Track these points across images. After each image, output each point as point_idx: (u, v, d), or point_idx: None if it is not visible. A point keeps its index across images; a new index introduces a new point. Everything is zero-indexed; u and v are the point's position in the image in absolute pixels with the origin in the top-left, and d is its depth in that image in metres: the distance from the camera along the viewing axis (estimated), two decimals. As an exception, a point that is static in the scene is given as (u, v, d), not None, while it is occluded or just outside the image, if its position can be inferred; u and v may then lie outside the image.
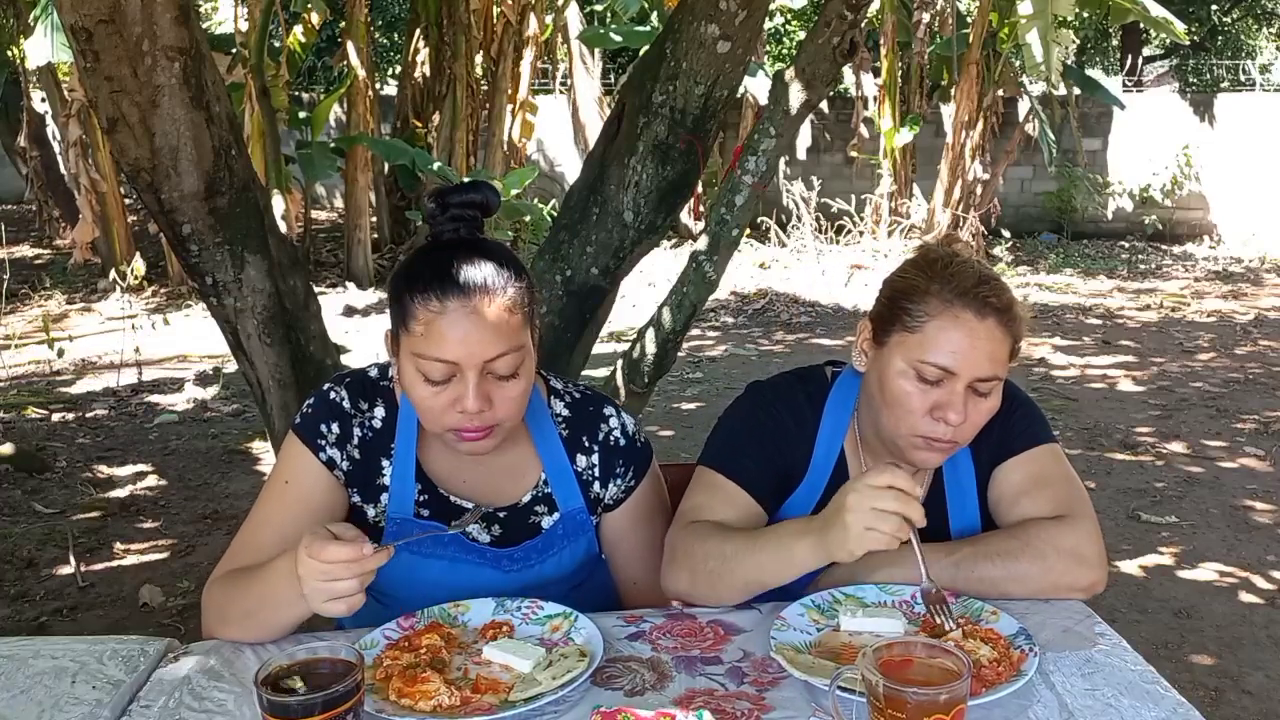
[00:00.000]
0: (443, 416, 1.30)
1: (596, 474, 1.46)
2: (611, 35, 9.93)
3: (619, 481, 1.47)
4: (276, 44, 8.41)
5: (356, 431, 1.40)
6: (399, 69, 11.29)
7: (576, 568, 1.48)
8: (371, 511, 1.42)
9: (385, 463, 1.42)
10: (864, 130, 11.03)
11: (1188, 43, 12.68)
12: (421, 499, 1.42)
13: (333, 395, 1.41)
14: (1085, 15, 13.98)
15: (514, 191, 8.73)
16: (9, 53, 9.23)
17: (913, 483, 1.21)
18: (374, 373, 1.45)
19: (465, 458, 1.42)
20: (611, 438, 1.47)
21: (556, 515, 1.45)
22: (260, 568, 1.27)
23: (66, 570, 3.40)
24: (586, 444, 1.46)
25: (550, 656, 1.20)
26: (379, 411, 1.42)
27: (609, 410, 1.49)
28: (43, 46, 7.26)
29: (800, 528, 1.31)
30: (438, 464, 1.43)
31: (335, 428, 1.39)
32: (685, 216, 9.94)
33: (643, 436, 1.50)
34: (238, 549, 1.36)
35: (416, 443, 1.41)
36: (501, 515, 1.44)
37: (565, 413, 1.48)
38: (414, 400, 1.32)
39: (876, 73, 10.86)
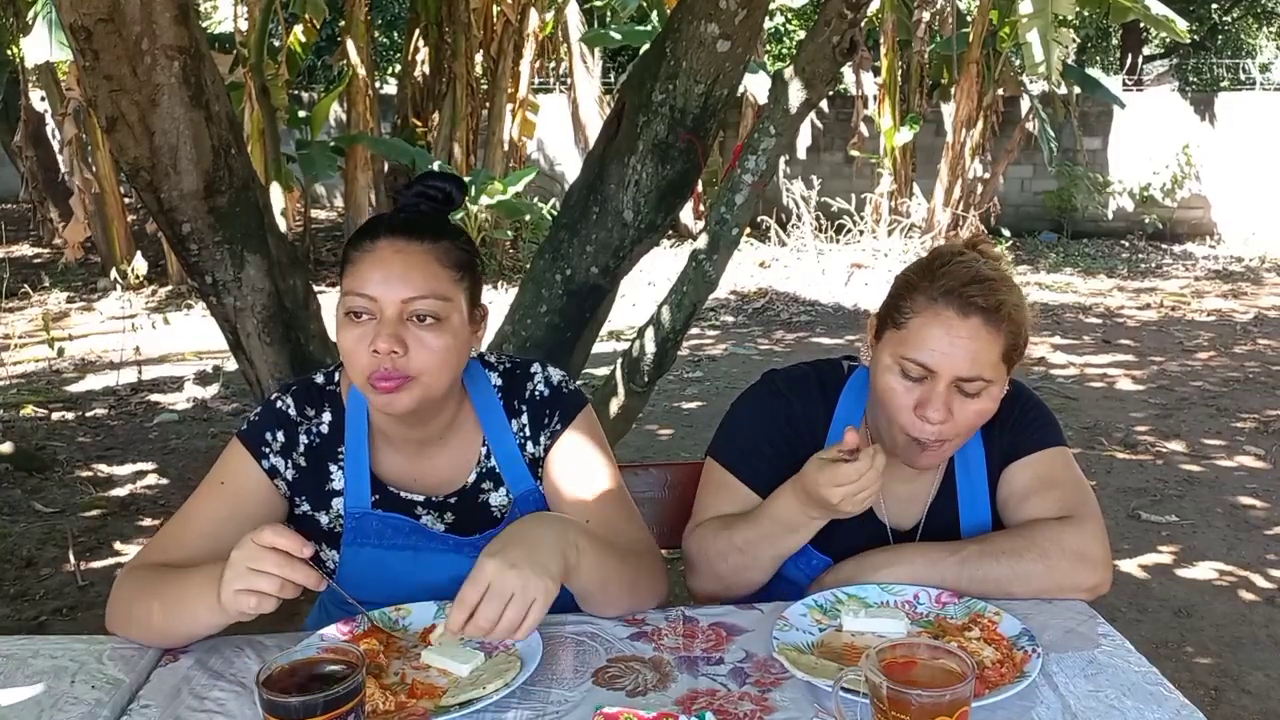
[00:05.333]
0: (359, 358, 1.28)
1: (529, 432, 1.45)
2: (611, 35, 9.93)
3: (547, 430, 1.45)
4: (276, 43, 8.40)
5: (303, 439, 1.39)
6: (399, 68, 11.28)
7: None
8: (325, 519, 1.40)
9: (333, 468, 1.40)
10: (864, 129, 11.01)
11: (1188, 42, 12.66)
12: (375, 498, 1.40)
13: (279, 404, 1.40)
14: (1085, 14, 13.99)
15: (514, 191, 8.73)
16: (9, 52, 9.21)
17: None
18: (320, 378, 1.44)
19: (412, 454, 1.41)
20: (537, 392, 1.45)
21: (503, 491, 1.43)
22: (177, 571, 1.25)
23: (66, 569, 3.40)
24: (518, 406, 1.45)
25: (491, 661, 1.19)
26: (326, 416, 1.41)
27: (535, 368, 1.47)
28: (41, 44, 7.25)
29: (785, 493, 1.37)
30: (388, 467, 1.42)
31: (280, 435, 1.38)
32: (685, 216, 9.93)
33: (571, 385, 1.48)
34: (161, 542, 1.35)
35: (369, 445, 1.40)
36: (452, 501, 1.42)
37: (499, 382, 1.47)
38: (340, 346, 1.32)
39: (876, 72, 10.86)
